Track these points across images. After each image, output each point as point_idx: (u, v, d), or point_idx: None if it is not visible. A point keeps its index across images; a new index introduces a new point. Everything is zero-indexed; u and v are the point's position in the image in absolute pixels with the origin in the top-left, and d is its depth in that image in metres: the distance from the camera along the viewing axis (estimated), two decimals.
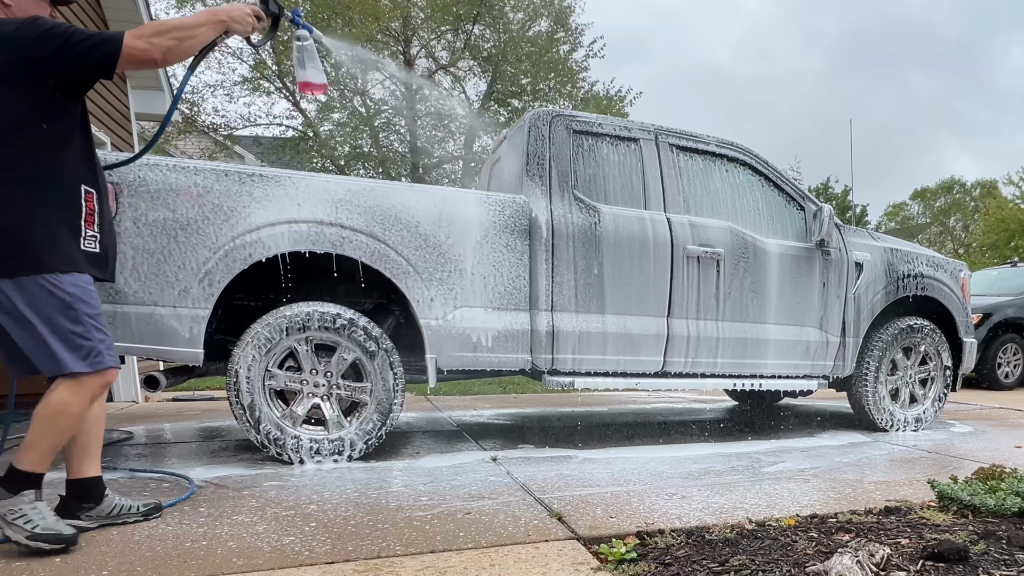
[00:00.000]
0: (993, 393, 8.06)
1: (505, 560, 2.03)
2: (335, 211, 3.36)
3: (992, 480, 2.61)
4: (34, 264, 2.04)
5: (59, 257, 2.08)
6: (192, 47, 2.20)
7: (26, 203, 2.04)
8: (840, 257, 4.51)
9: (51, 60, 2.01)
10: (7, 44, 2.00)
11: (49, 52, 2.00)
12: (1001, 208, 27.79)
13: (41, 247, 2.05)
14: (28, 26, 2.02)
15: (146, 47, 2.07)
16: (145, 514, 2.41)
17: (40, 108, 2.06)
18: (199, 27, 2.19)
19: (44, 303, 2.05)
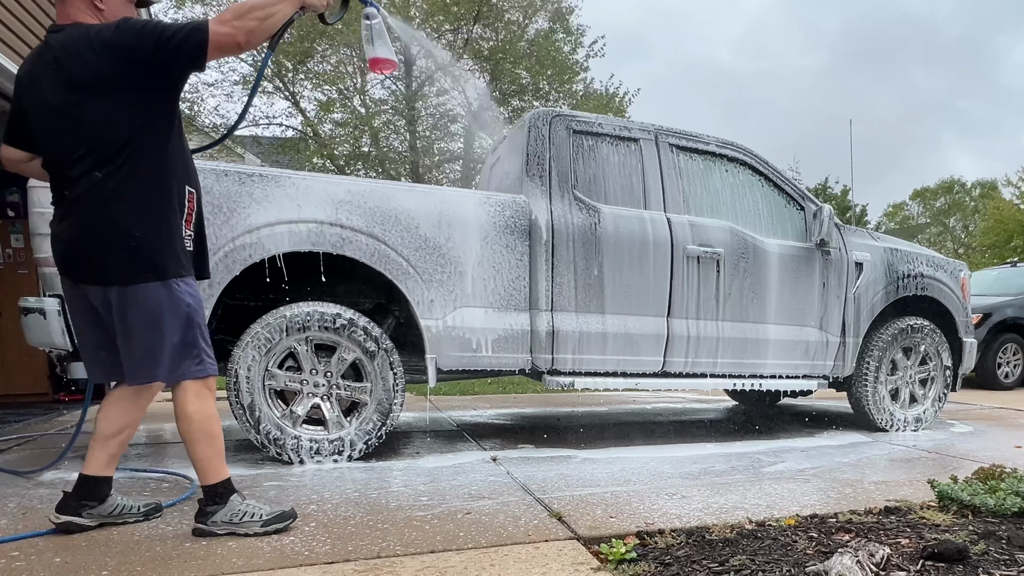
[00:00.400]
0: (993, 393, 8.06)
1: (505, 560, 2.03)
2: (335, 211, 3.36)
3: (992, 480, 2.61)
4: (155, 272, 2.09)
5: (176, 263, 2.12)
6: (272, 26, 2.13)
7: (143, 209, 2.07)
8: (840, 257, 4.51)
9: (150, 60, 2.00)
10: (111, 51, 2.00)
11: (147, 52, 1.99)
12: (1000, 209, 27.79)
13: (159, 254, 2.09)
14: (123, 29, 2.01)
15: (231, 31, 2.02)
16: (145, 514, 2.42)
17: (147, 111, 2.08)
18: (277, 4, 2.10)
19: (163, 311, 2.10)
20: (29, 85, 2.12)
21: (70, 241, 2.10)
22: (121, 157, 2.04)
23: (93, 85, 2.01)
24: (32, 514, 2.50)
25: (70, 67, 2.02)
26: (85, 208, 2.06)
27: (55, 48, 2.05)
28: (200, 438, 2.20)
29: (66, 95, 2.03)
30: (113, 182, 2.04)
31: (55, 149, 2.11)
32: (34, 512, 2.52)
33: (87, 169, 2.04)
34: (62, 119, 2.05)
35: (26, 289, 5.41)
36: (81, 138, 2.04)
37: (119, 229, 2.06)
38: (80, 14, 2.10)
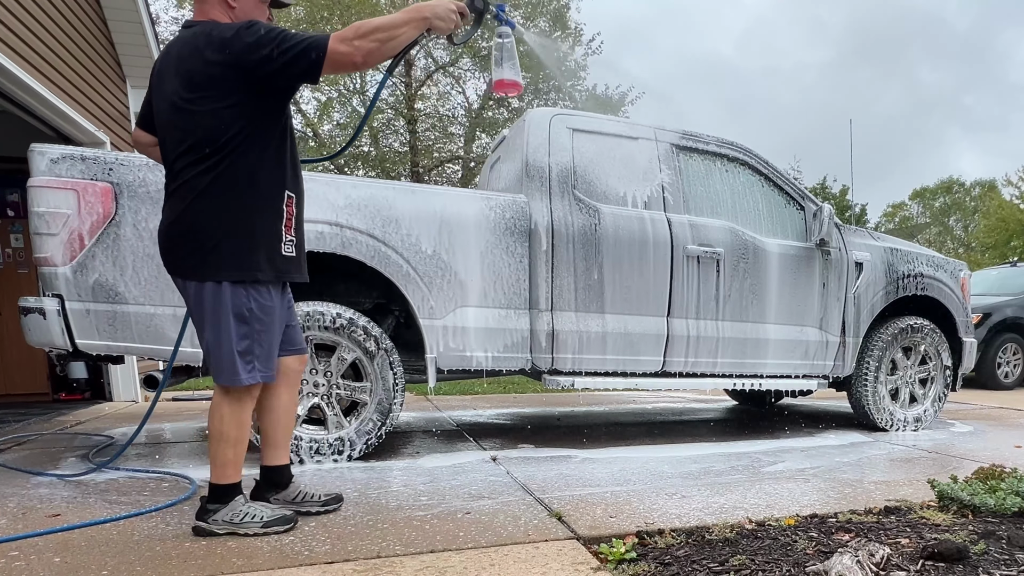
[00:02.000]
0: (993, 393, 8.06)
1: (505, 560, 2.03)
2: (335, 212, 3.36)
3: (992, 480, 2.61)
4: (226, 272, 2.10)
5: (252, 267, 2.13)
6: (393, 48, 2.10)
7: (230, 209, 2.09)
8: (840, 257, 4.51)
9: (264, 65, 2.00)
10: (225, 50, 2.01)
11: (262, 57, 1.99)
12: (1001, 208, 27.79)
13: (236, 255, 2.10)
14: (244, 32, 2.01)
15: (349, 51, 2.00)
16: (324, 503, 2.49)
17: (255, 114, 2.10)
18: (402, 26, 2.08)
19: (224, 312, 2.12)
20: (157, 74, 2.18)
21: (163, 232, 2.16)
22: (220, 155, 2.06)
23: (204, 82, 2.03)
24: (32, 514, 2.50)
25: (187, 62, 2.06)
26: (178, 201, 2.10)
27: (181, 43, 2.10)
28: (224, 439, 2.21)
29: (180, 89, 2.06)
30: (207, 179, 2.07)
31: (165, 140, 2.15)
32: (34, 512, 2.52)
33: (187, 163, 2.08)
34: (174, 112, 2.09)
35: (26, 289, 5.42)
36: (187, 132, 2.07)
37: (201, 225, 2.08)
38: (214, 11, 2.14)
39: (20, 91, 4.72)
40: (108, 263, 3.07)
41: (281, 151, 2.19)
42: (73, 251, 3.02)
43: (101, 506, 2.60)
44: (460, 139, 17.02)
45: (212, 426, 2.21)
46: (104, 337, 3.10)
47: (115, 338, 3.11)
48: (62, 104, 5.14)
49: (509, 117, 16.06)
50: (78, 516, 2.44)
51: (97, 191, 3.04)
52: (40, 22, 4.95)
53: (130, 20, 6.25)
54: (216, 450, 2.22)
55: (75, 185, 3.01)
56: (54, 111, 5.12)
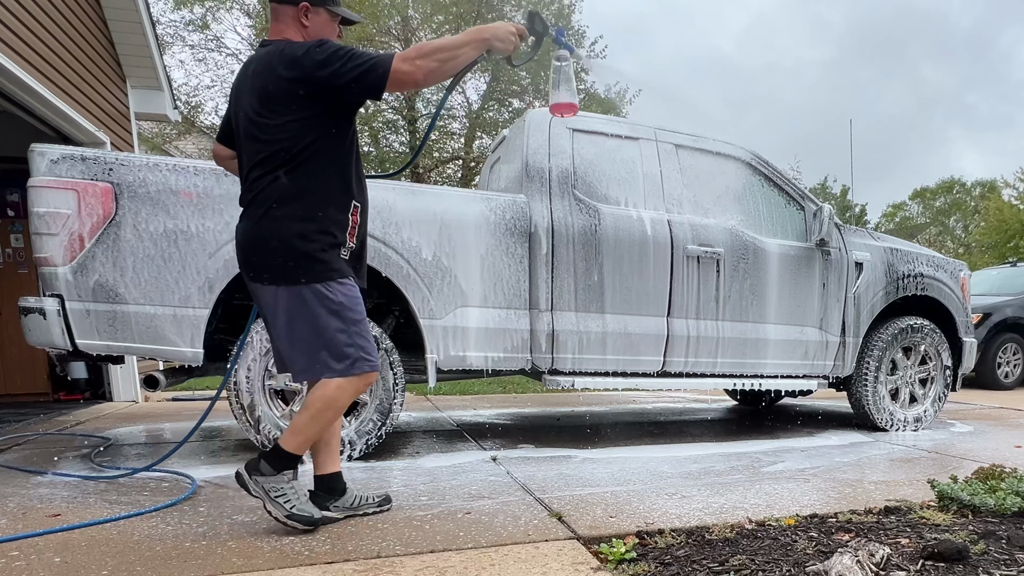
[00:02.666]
0: (993, 393, 8.06)
1: (505, 560, 2.03)
2: None
3: (992, 480, 2.61)
4: (302, 276, 2.17)
5: (325, 268, 2.20)
6: (454, 68, 2.19)
7: (304, 217, 2.17)
8: (840, 257, 4.51)
9: (331, 81, 2.09)
10: (296, 67, 2.10)
11: (330, 74, 2.08)
12: (1001, 209, 27.76)
13: (311, 260, 2.17)
14: (314, 50, 2.10)
15: (411, 70, 2.09)
16: (379, 504, 2.52)
17: (324, 127, 2.19)
18: (462, 47, 2.17)
19: (319, 312, 2.18)
20: (235, 90, 2.31)
21: (241, 241, 2.25)
22: (293, 165, 2.16)
23: (277, 97, 2.14)
24: (32, 514, 2.50)
25: (262, 78, 2.17)
26: (255, 210, 2.20)
27: (257, 61, 2.23)
28: (314, 413, 2.22)
29: (256, 104, 2.17)
30: (282, 188, 2.16)
31: (243, 153, 2.27)
32: (34, 512, 2.52)
33: (262, 174, 2.18)
34: (251, 125, 2.20)
35: (26, 289, 5.42)
36: (262, 145, 2.18)
37: (280, 233, 2.16)
38: (288, 30, 2.27)
39: (20, 91, 4.72)
40: (108, 263, 3.07)
41: (348, 162, 2.28)
42: (73, 251, 3.02)
43: (101, 506, 2.60)
44: (460, 139, 17.02)
45: (310, 399, 2.23)
46: (104, 337, 3.10)
47: (115, 338, 3.11)
48: (62, 104, 5.14)
49: (509, 117, 16.06)
50: (78, 516, 2.44)
51: (97, 191, 3.04)
52: (40, 22, 4.95)
53: (130, 20, 6.25)
54: (300, 417, 2.24)
55: (75, 185, 3.01)
56: (54, 111, 5.12)
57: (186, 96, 14.59)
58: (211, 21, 14.46)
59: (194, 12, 14.24)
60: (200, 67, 14.97)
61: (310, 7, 2.26)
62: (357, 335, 2.23)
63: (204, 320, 3.20)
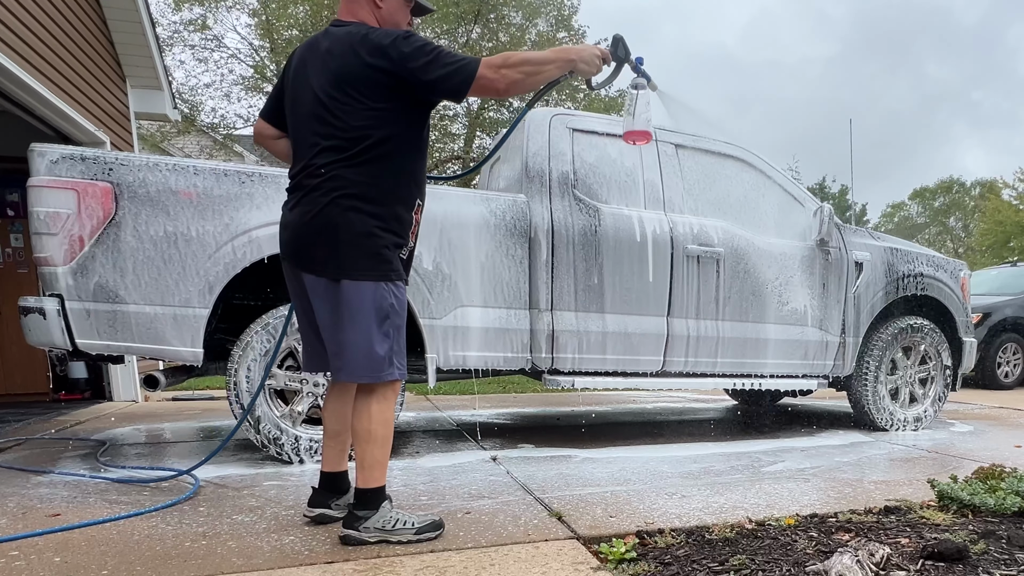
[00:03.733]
0: (993, 393, 8.06)
1: (505, 560, 2.03)
2: None
3: (992, 480, 2.61)
4: (369, 271, 2.10)
5: (390, 267, 2.14)
6: (536, 82, 2.18)
7: (373, 211, 2.10)
8: (840, 256, 4.51)
9: (416, 76, 2.05)
10: (381, 55, 2.04)
11: (416, 68, 2.03)
12: (999, 210, 27.76)
13: (377, 255, 2.11)
14: (401, 40, 2.05)
15: (495, 77, 2.06)
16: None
17: (399, 120, 2.12)
18: (547, 64, 2.16)
19: (367, 311, 2.10)
20: (297, 69, 2.19)
21: (298, 227, 2.13)
22: (365, 156, 2.09)
23: (356, 82, 2.06)
24: (32, 513, 2.50)
25: (340, 60, 2.07)
26: (319, 198, 2.08)
27: (332, 40, 2.12)
28: (373, 440, 2.15)
29: (328, 85, 2.08)
30: (352, 178, 2.08)
31: (302, 133, 2.15)
32: (34, 511, 2.52)
33: (330, 161, 2.08)
34: (320, 107, 2.10)
35: (26, 289, 5.42)
36: (332, 129, 2.08)
37: (346, 224, 2.08)
38: (362, 11, 2.19)
39: (20, 91, 4.72)
40: (108, 263, 3.07)
41: (419, 159, 2.23)
42: (73, 251, 3.02)
43: (101, 506, 2.60)
44: (460, 139, 17.00)
45: (359, 427, 2.15)
46: (104, 337, 3.10)
47: (115, 338, 3.11)
48: (62, 104, 5.14)
49: (509, 117, 16.05)
50: (78, 516, 2.44)
51: (97, 191, 3.04)
52: (40, 22, 4.95)
53: (130, 20, 6.25)
54: (365, 452, 2.15)
55: (75, 185, 3.01)
56: (54, 111, 5.12)
57: (186, 95, 14.58)
58: (211, 22, 14.46)
59: (193, 12, 14.23)
60: (200, 67, 14.97)
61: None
62: (397, 341, 2.18)
63: (204, 320, 3.20)
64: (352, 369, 2.13)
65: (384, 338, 2.12)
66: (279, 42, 14.49)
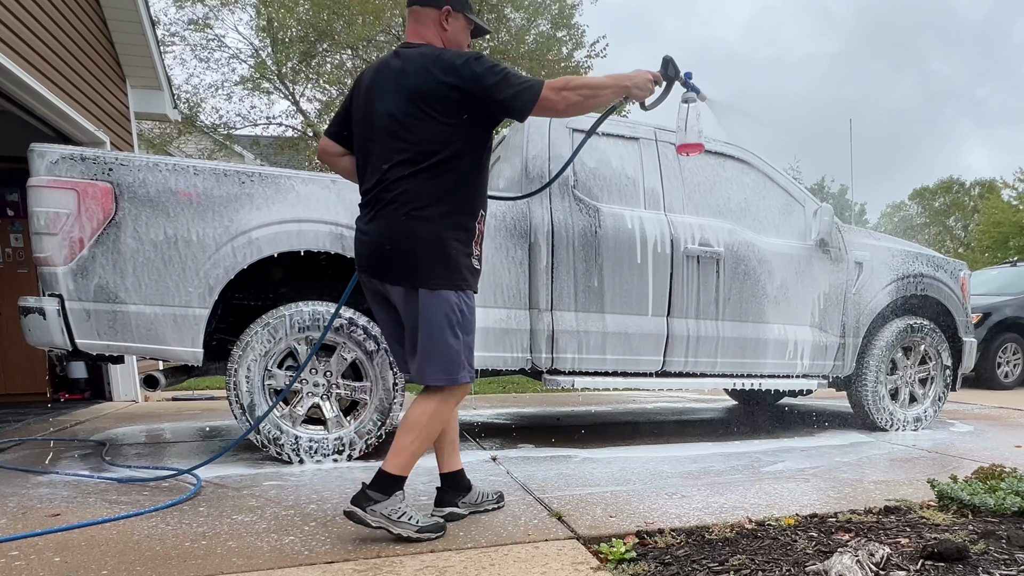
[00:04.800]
0: (993, 393, 8.06)
1: (505, 560, 2.03)
2: (336, 212, 3.36)
3: (992, 480, 2.61)
4: (447, 280, 2.20)
5: (463, 276, 2.24)
6: (593, 105, 2.28)
7: (446, 223, 2.20)
8: (840, 256, 4.51)
9: (483, 97, 2.16)
10: (454, 75, 2.15)
11: (486, 87, 2.15)
12: (998, 210, 27.74)
13: (454, 264, 2.21)
14: (473, 61, 2.16)
15: (556, 99, 2.17)
16: (496, 501, 2.61)
17: (467, 135, 2.23)
18: (604, 89, 2.26)
19: (445, 318, 2.20)
20: (369, 88, 2.29)
21: (378, 239, 2.22)
22: (436, 170, 2.18)
23: (430, 100, 2.17)
24: (32, 513, 2.50)
25: (413, 79, 2.19)
26: (397, 210, 2.18)
27: (405, 60, 2.24)
28: (417, 430, 2.23)
29: (402, 103, 2.19)
30: (425, 191, 2.18)
31: (374, 151, 2.25)
32: (34, 511, 2.52)
33: (404, 174, 2.18)
34: (394, 123, 2.20)
35: (26, 289, 5.42)
36: (406, 144, 2.19)
37: (420, 235, 2.17)
38: (429, 33, 2.32)
39: (20, 91, 4.72)
40: (108, 263, 3.07)
41: (482, 172, 2.32)
42: (73, 251, 3.02)
43: (101, 506, 2.60)
44: None
45: (412, 415, 2.24)
46: (104, 337, 3.10)
47: (115, 338, 3.11)
48: (62, 104, 5.14)
49: None
50: (78, 516, 2.44)
51: (97, 191, 3.04)
52: (40, 22, 4.95)
53: (130, 20, 6.25)
54: (404, 438, 2.23)
55: (75, 185, 3.01)
56: (54, 111, 5.12)
57: (186, 95, 14.58)
58: (212, 20, 14.45)
59: (195, 12, 14.22)
60: (201, 66, 14.97)
61: (451, 11, 2.33)
62: (469, 347, 2.27)
63: (204, 320, 3.20)
64: (427, 372, 2.23)
65: (456, 343, 2.22)
66: (281, 42, 14.50)
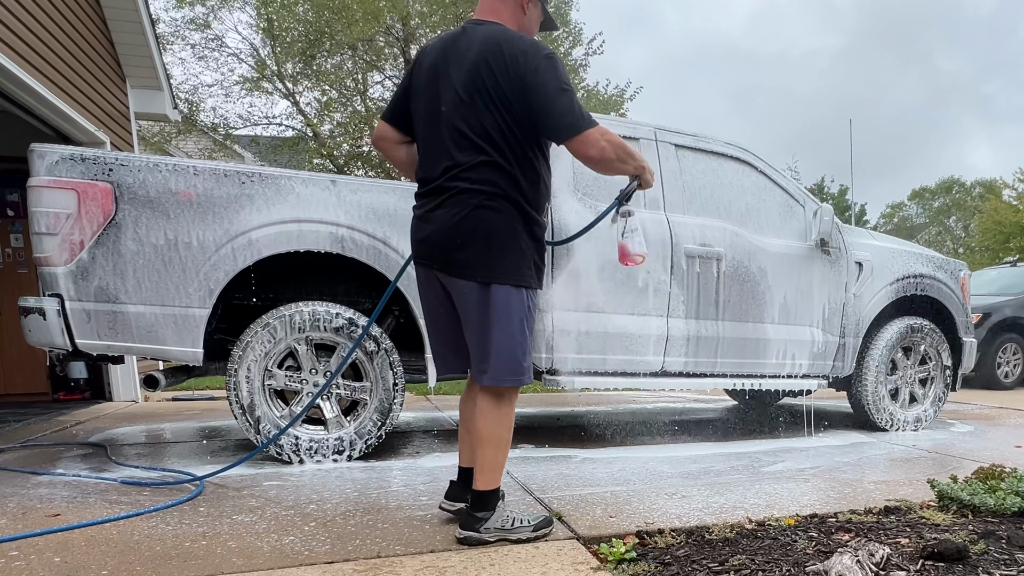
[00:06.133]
0: (993, 393, 8.06)
1: (505, 560, 2.03)
2: (336, 212, 3.36)
3: (992, 480, 2.61)
4: (516, 276, 2.11)
5: (531, 273, 2.17)
6: (617, 169, 2.20)
7: (517, 216, 2.11)
8: (840, 257, 4.50)
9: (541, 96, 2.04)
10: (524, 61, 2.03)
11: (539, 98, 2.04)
12: (997, 211, 27.74)
13: (523, 260, 2.13)
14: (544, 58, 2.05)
15: (595, 140, 2.07)
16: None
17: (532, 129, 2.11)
18: (634, 161, 2.20)
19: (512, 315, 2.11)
20: (433, 67, 2.14)
21: (444, 231, 2.10)
22: (511, 158, 2.09)
23: (498, 85, 2.05)
24: (32, 513, 2.50)
25: (484, 57, 2.05)
26: (468, 199, 2.06)
27: (472, 39, 2.09)
28: (498, 443, 2.17)
29: (472, 85, 2.06)
30: (498, 180, 2.07)
31: (446, 135, 2.11)
32: (34, 511, 2.52)
33: (476, 161, 2.07)
34: (462, 107, 2.07)
35: (26, 289, 5.42)
36: (478, 129, 2.06)
37: (491, 229, 2.07)
38: (505, 12, 2.19)
39: (20, 91, 4.72)
40: (108, 264, 3.07)
41: (547, 164, 2.24)
42: (73, 251, 3.02)
43: (101, 506, 2.60)
44: None
45: (485, 431, 2.15)
46: (104, 337, 3.10)
47: (115, 338, 3.12)
48: (62, 104, 5.14)
49: None
50: (78, 516, 2.44)
51: (97, 191, 3.04)
52: (40, 22, 4.95)
53: (130, 20, 6.25)
54: (489, 455, 2.16)
55: (75, 185, 3.01)
56: (54, 111, 5.12)
57: (186, 95, 14.56)
58: (212, 20, 14.44)
59: (195, 11, 14.21)
60: (201, 65, 14.95)
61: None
62: (530, 346, 2.19)
63: (204, 320, 3.20)
64: (496, 372, 2.12)
65: (525, 343, 2.14)
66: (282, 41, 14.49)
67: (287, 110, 15.86)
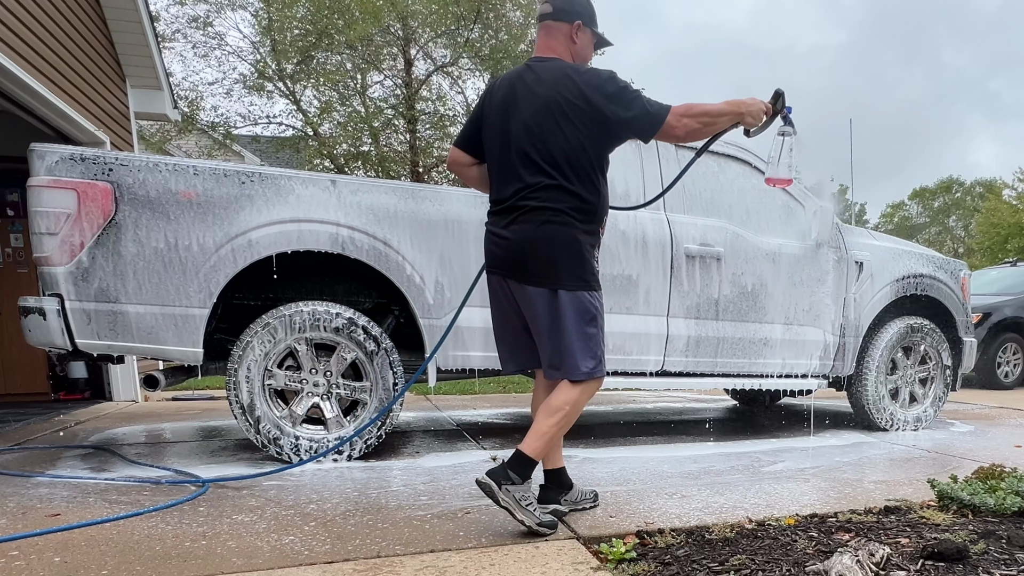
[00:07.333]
0: (993, 393, 8.06)
1: (505, 559, 2.03)
2: (336, 212, 3.36)
3: (992, 480, 2.61)
4: (585, 282, 2.33)
5: (596, 278, 2.38)
6: (710, 132, 2.41)
7: (588, 229, 2.35)
8: (840, 256, 4.50)
9: (619, 113, 2.28)
10: (591, 90, 2.27)
11: (619, 107, 2.28)
12: (997, 211, 27.75)
13: (589, 267, 2.35)
14: (608, 82, 2.29)
15: (676, 125, 2.30)
16: (593, 500, 2.64)
17: (597, 147, 2.35)
18: (722, 116, 2.36)
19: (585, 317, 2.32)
20: (503, 102, 2.38)
21: (521, 243, 2.32)
22: (573, 179, 2.30)
23: (568, 112, 2.28)
24: (32, 513, 2.50)
25: (551, 93, 2.29)
26: (537, 216, 2.29)
27: (539, 73, 2.35)
28: (559, 416, 2.30)
29: (540, 116, 2.30)
30: (564, 198, 2.29)
31: (517, 160, 2.34)
32: (34, 511, 2.52)
33: (546, 184, 2.29)
34: (531, 137, 2.31)
35: (26, 289, 5.42)
36: (545, 154, 2.30)
37: (562, 240, 2.29)
38: (559, 46, 2.42)
39: (20, 91, 4.72)
40: (108, 263, 3.07)
41: (605, 182, 2.44)
42: (73, 251, 3.02)
43: (101, 506, 2.60)
44: None
45: (556, 401, 2.31)
46: (104, 337, 3.10)
47: (115, 338, 3.11)
48: (62, 104, 5.13)
49: None
50: (78, 516, 2.44)
51: (97, 191, 3.04)
52: (40, 22, 4.95)
53: (130, 20, 6.24)
54: (545, 423, 2.29)
55: (75, 185, 3.01)
56: (54, 111, 5.12)
57: (186, 94, 14.56)
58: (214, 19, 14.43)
59: (196, 10, 14.20)
60: (201, 63, 14.93)
61: (581, 25, 2.40)
62: (601, 342, 2.37)
63: (204, 320, 3.20)
64: (570, 369, 2.31)
65: (594, 340, 2.34)
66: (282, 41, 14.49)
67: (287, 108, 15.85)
